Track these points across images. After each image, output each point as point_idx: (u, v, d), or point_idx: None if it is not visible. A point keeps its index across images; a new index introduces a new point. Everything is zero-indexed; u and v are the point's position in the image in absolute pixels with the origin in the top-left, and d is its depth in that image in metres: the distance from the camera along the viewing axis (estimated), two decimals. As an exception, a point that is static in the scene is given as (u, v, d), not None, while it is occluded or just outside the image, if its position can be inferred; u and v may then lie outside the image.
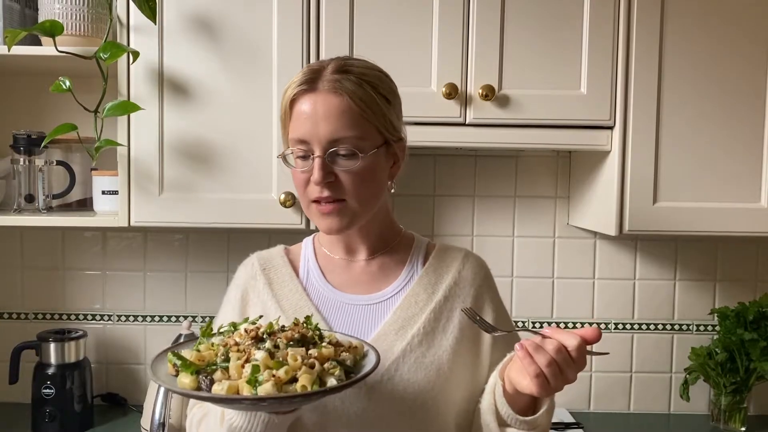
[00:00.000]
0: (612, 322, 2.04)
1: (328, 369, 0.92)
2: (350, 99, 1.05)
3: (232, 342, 0.96)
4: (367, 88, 1.07)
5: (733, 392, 1.88)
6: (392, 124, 1.11)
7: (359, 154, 1.06)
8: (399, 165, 1.15)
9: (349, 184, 1.06)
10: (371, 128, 1.08)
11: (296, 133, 1.07)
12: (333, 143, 1.05)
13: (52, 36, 1.52)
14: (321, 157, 1.05)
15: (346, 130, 1.05)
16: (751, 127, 1.65)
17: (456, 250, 1.22)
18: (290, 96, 1.08)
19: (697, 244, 2.02)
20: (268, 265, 1.20)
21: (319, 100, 1.06)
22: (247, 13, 1.62)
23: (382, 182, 1.12)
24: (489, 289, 1.19)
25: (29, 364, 1.83)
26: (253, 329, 0.97)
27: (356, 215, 1.09)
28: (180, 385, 0.90)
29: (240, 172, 1.64)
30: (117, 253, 2.02)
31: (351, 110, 1.05)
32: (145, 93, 1.62)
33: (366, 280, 1.17)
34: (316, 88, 1.06)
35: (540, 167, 2.02)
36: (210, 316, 1.99)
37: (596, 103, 1.63)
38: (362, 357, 1.00)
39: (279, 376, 0.88)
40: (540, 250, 2.03)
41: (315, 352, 0.93)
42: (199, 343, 0.99)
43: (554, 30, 1.62)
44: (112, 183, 1.71)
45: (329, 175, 1.06)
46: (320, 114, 1.05)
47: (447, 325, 1.13)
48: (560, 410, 2.00)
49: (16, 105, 1.96)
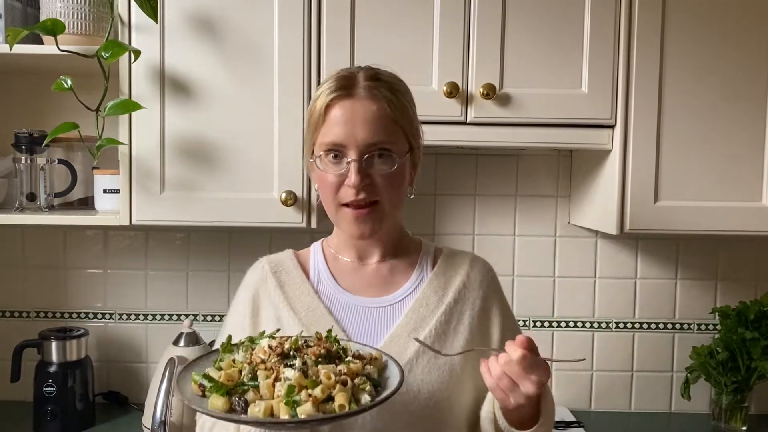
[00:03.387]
0: (613, 321, 2.04)
1: (359, 384, 0.93)
2: (387, 105, 1.09)
3: (258, 360, 0.96)
4: (400, 96, 1.13)
5: (734, 391, 1.88)
6: (417, 130, 1.16)
7: (396, 157, 1.09)
8: (416, 171, 1.19)
9: (383, 186, 1.09)
10: (402, 134, 1.12)
11: (331, 137, 1.09)
12: (370, 147, 1.08)
13: (53, 35, 1.53)
14: (358, 161, 1.07)
15: (382, 134, 1.08)
16: (752, 126, 1.65)
17: (464, 254, 1.24)
18: (326, 101, 1.10)
19: (698, 243, 2.02)
20: (278, 268, 1.20)
21: (357, 105, 1.09)
22: (248, 12, 1.62)
23: (406, 187, 1.16)
24: (496, 292, 1.22)
25: (31, 362, 1.84)
26: (278, 345, 0.97)
27: (385, 218, 1.12)
28: (212, 407, 0.90)
29: (241, 171, 1.64)
30: (118, 251, 2.02)
31: (387, 116, 1.09)
32: (146, 92, 1.62)
33: (376, 283, 1.18)
34: (354, 93, 1.10)
35: (541, 166, 2.02)
36: (211, 315, 2.00)
37: (597, 101, 1.63)
38: (383, 368, 1.01)
39: (316, 395, 0.88)
40: (541, 249, 2.03)
41: (344, 368, 0.94)
42: (219, 360, 0.98)
43: (555, 29, 1.62)
44: (114, 182, 1.71)
45: (366, 178, 1.08)
46: (359, 119, 1.08)
47: (458, 326, 1.14)
48: (561, 409, 2.00)
49: (18, 104, 1.96)
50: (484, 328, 1.17)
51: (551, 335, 2.04)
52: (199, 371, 0.96)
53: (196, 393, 0.93)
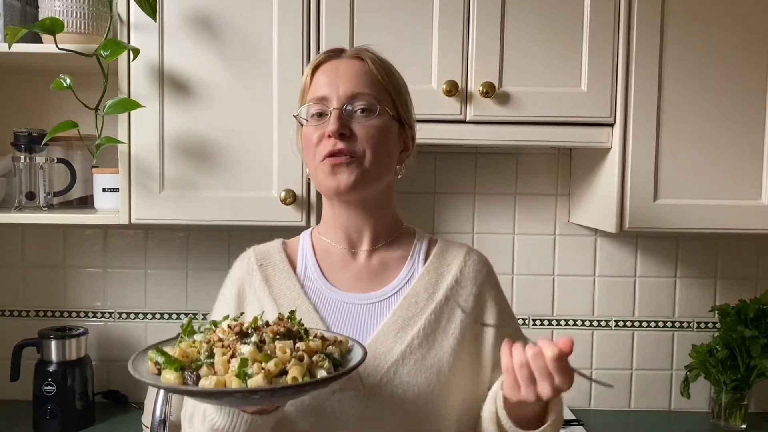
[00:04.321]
0: (612, 319, 2.04)
1: (317, 362, 0.91)
2: (372, 64, 1.11)
3: (216, 338, 0.93)
4: (387, 64, 1.14)
5: (733, 389, 1.88)
6: (406, 104, 1.15)
7: (377, 109, 1.08)
8: (408, 153, 1.17)
9: (363, 139, 1.07)
10: (387, 96, 1.11)
11: (315, 92, 1.10)
12: (351, 98, 1.08)
13: (52, 33, 1.53)
14: (339, 109, 1.07)
15: (365, 87, 1.09)
16: (751, 124, 1.65)
17: (457, 247, 1.19)
18: (314, 63, 1.13)
19: (698, 242, 2.02)
20: (265, 261, 1.17)
21: (342, 62, 1.11)
22: (248, 11, 1.62)
23: (393, 155, 1.13)
24: (492, 287, 1.16)
25: (30, 361, 1.83)
26: (236, 324, 0.95)
27: (366, 175, 1.07)
28: (164, 381, 0.88)
29: (240, 170, 1.64)
30: (118, 250, 2.02)
31: (371, 73, 1.10)
32: (145, 90, 1.62)
33: (365, 278, 1.14)
34: (340, 55, 1.12)
35: (540, 164, 2.02)
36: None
37: (597, 100, 1.63)
38: (348, 351, 0.98)
39: (269, 368, 0.86)
40: (540, 247, 2.03)
41: (303, 345, 0.92)
42: (180, 341, 0.96)
43: (555, 27, 1.62)
44: (113, 180, 1.71)
45: (345, 128, 1.06)
46: (342, 72, 1.10)
47: (448, 325, 1.10)
48: (561, 407, 2.01)
49: (17, 103, 1.96)
50: (476, 326, 1.12)
51: (551, 334, 2.04)
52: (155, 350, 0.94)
53: (153, 371, 0.91)
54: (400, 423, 1.04)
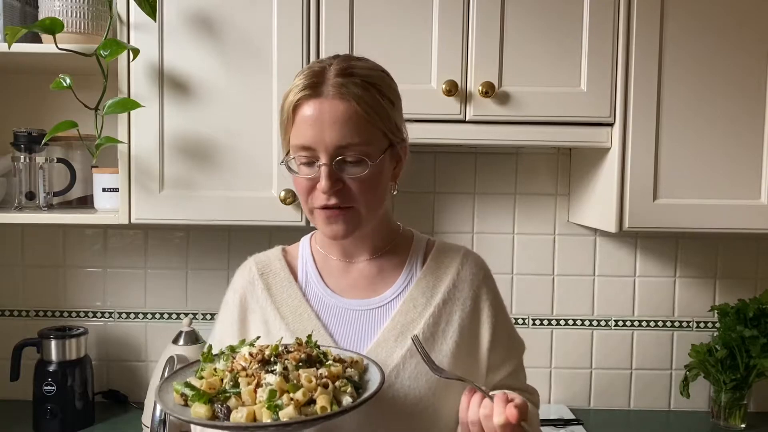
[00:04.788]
0: (612, 319, 2.04)
1: (340, 387, 0.93)
2: (357, 104, 1.02)
3: (239, 367, 0.95)
4: (373, 92, 1.04)
5: (733, 389, 1.88)
6: (397, 126, 1.09)
7: (368, 161, 1.03)
8: (401, 166, 1.14)
9: (357, 191, 1.04)
10: (377, 133, 1.05)
11: (300, 140, 1.04)
12: (340, 150, 1.02)
13: (52, 33, 1.53)
14: (328, 165, 1.02)
15: (353, 136, 1.02)
16: (751, 124, 1.65)
17: (454, 250, 1.19)
18: (293, 101, 1.04)
19: (698, 241, 2.02)
20: (266, 270, 1.17)
21: (325, 105, 1.02)
22: (247, 11, 1.62)
23: (387, 186, 1.11)
24: (489, 291, 1.17)
25: (30, 361, 1.83)
26: (258, 352, 0.97)
27: (362, 221, 1.08)
28: (195, 416, 0.90)
29: (240, 170, 1.64)
30: (118, 250, 2.02)
31: (358, 116, 1.02)
32: (145, 90, 1.62)
33: (364, 284, 1.15)
34: (321, 92, 1.03)
35: (540, 164, 2.02)
36: (211, 314, 2.00)
37: (596, 100, 1.63)
38: (364, 371, 1.01)
39: (298, 399, 0.89)
40: (540, 247, 2.03)
41: (325, 371, 0.94)
42: (201, 369, 0.98)
43: (554, 27, 1.62)
44: (113, 180, 1.71)
45: (337, 183, 1.03)
46: (326, 120, 1.02)
47: (447, 328, 1.11)
48: (560, 407, 2.01)
49: (17, 102, 1.96)
50: (474, 329, 1.13)
51: (550, 333, 2.04)
52: (180, 381, 0.96)
53: (179, 403, 0.94)
54: (402, 427, 1.05)
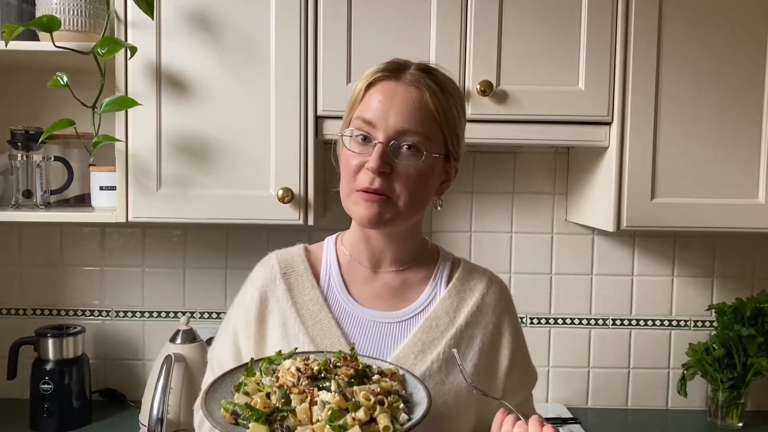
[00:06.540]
0: (610, 317, 2.04)
1: (392, 402, 0.93)
2: (429, 97, 1.03)
3: (290, 383, 0.94)
4: (447, 95, 1.06)
5: (730, 388, 1.88)
6: (458, 139, 1.09)
7: (423, 152, 1.03)
8: (448, 185, 1.13)
9: (403, 181, 1.03)
10: (439, 134, 1.06)
11: (365, 113, 1.04)
12: (400, 135, 1.03)
13: (49, 31, 1.52)
14: (384, 144, 1.02)
15: (417, 124, 1.03)
16: (748, 123, 1.65)
17: (480, 272, 1.19)
18: (369, 79, 1.06)
19: (695, 240, 2.03)
20: (288, 270, 1.15)
21: (400, 88, 1.04)
22: (246, 10, 1.61)
23: (431, 192, 1.10)
24: (511, 318, 1.17)
25: (27, 359, 1.83)
26: (306, 367, 0.96)
27: (398, 216, 1.06)
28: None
29: (238, 168, 1.64)
30: (115, 249, 2.02)
31: (427, 108, 1.03)
32: (142, 89, 1.62)
33: (388, 296, 1.14)
34: (399, 77, 1.05)
35: (538, 163, 2.02)
36: (208, 312, 2.00)
37: (594, 99, 1.63)
38: (403, 382, 1.00)
39: (360, 418, 0.88)
40: (538, 246, 2.03)
41: (377, 387, 0.94)
42: (244, 384, 0.97)
43: (552, 26, 1.62)
44: (110, 179, 1.71)
45: (386, 166, 1.02)
46: (397, 101, 1.03)
47: (467, 351, 1.11)
48: (558, 405, 2.01)
49: (14, 100, 1.95)
50: (493, 354, 1.13)
51: (548, 332, 2.04)
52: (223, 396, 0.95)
53: (230, 421, 0.92)
54: None
